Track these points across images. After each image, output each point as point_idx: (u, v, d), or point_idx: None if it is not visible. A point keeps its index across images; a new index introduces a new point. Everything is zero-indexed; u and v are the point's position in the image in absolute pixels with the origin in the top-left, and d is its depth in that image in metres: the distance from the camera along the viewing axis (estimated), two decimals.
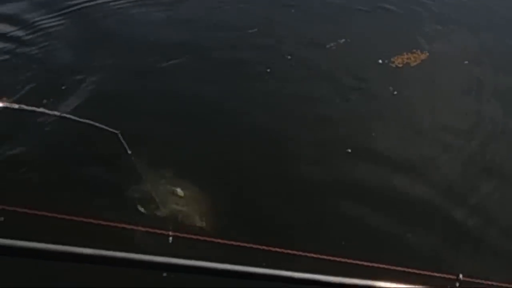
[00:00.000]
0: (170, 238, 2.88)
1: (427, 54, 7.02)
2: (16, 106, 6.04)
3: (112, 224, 1.70)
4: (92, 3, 8.14)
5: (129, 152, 5.63)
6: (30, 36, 7.45)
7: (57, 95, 6.29)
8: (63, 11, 7.95)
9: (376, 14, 8.09)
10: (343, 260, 1.58)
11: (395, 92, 6.33)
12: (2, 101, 5.91)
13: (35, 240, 1.35)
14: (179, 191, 4.83)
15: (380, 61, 6.95)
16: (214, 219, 4.58)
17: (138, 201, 4.74)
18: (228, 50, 7.32)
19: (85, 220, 1.72)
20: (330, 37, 7.43)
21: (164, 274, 4.10)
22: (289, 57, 7.07)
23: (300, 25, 7.82)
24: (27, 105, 5.91)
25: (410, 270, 1.72)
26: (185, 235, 1.68)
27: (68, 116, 6.09)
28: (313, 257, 1.70)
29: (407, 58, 6.98)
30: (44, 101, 6.10)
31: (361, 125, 5.85)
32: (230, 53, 7.23)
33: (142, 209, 4.68)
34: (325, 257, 1.62)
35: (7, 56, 7.14)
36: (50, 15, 7.87)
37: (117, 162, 5.25)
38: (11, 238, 1.33)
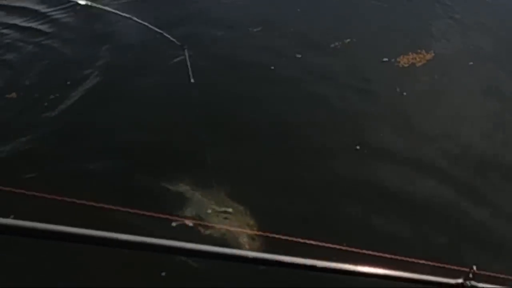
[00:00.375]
0: None
1: (433, 54, 7.02)
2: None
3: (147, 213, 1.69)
4: None
5: (192, 80, 5.61)
6: None
7: None
8: None
9: (383, 12, 8.12)
10: (364, 251, 1.61)
11: (404, 93, 6.33)
12: None
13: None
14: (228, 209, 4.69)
15: (386, 59, 6.97)
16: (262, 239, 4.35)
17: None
18: (231, 48, 7.39)
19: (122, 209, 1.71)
20: (336, 36, 7.45)
21: (163, 274, 4.14)
22: (298, 55, 7.10)
23: (304, 24, 7.84)
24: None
25: (423, 261, 1.74)
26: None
27: (139, 21, 6.59)
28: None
29: (413, 58, 6.99)
30: None
31: (369, 125, 5.88)
32: (234, 51, 7.30)
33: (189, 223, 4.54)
34: (347, 248, 1.64)
35: None
36: None
37: None
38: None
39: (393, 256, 1.61)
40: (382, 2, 8.32)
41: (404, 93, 6.32)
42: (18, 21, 8.35)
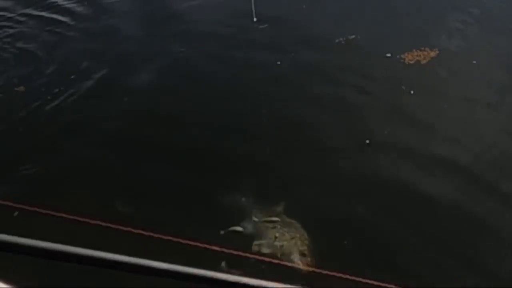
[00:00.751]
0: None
1: (437, 51, 7.08)
2: None
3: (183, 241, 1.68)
4: None
5: (255, 19, 5.74)
6: None
7: None
8: None
9: (388, 10, 8.18)
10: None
11: (412, 91, 6.39)
12: None
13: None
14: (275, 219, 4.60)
15: (389, 54, 7.05)
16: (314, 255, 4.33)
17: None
18: (239, 44, 7.43)
19: (154, 235, 1.71)
20: (340, 32, 7.51)
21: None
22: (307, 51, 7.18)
23: (309, 21, 7.88)
24: None
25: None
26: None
27: None
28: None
29: (417, 55, 7.05)
30: None
31: (377, 120, 5.97)
32: (241, 48, 7.36)
33: (239, 228, 4.55)
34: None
35: None
36: None
37: None
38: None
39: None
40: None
41: (412, 91, 6.38)
42: (33, 9, 8.29)
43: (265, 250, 4.27)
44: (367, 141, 5.61)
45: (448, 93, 6.38)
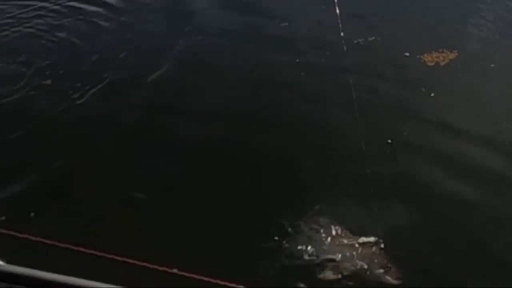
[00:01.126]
0: None
1: (456, 53, 7.11)
2: None
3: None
4: None
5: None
6: None
7: None
8: None
9: (411, 12, 8.27)
10: None
11: (432, 94, 6.44)
12: None
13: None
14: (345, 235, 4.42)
15: (407, 53, 7.12)
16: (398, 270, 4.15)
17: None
18: (257, 43, 7.54)
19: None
20: (360, 33, 7.58)
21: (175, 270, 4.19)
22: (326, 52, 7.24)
23: (327, 21, 7.93)
24: None
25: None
26: None
27: None
28: None
29: (436, 57, 7.09)
30: None
31: (399, 124, 6.02)
32: (258, 47, 7.50)
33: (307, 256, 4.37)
34: None
35: None
36: None
37: None
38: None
39: None
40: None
41: (432, 94, 6.43)
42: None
43: (346, 271, 4.12)
44: (389, 141, 5.67)
45: (469, 96, 6.41)
